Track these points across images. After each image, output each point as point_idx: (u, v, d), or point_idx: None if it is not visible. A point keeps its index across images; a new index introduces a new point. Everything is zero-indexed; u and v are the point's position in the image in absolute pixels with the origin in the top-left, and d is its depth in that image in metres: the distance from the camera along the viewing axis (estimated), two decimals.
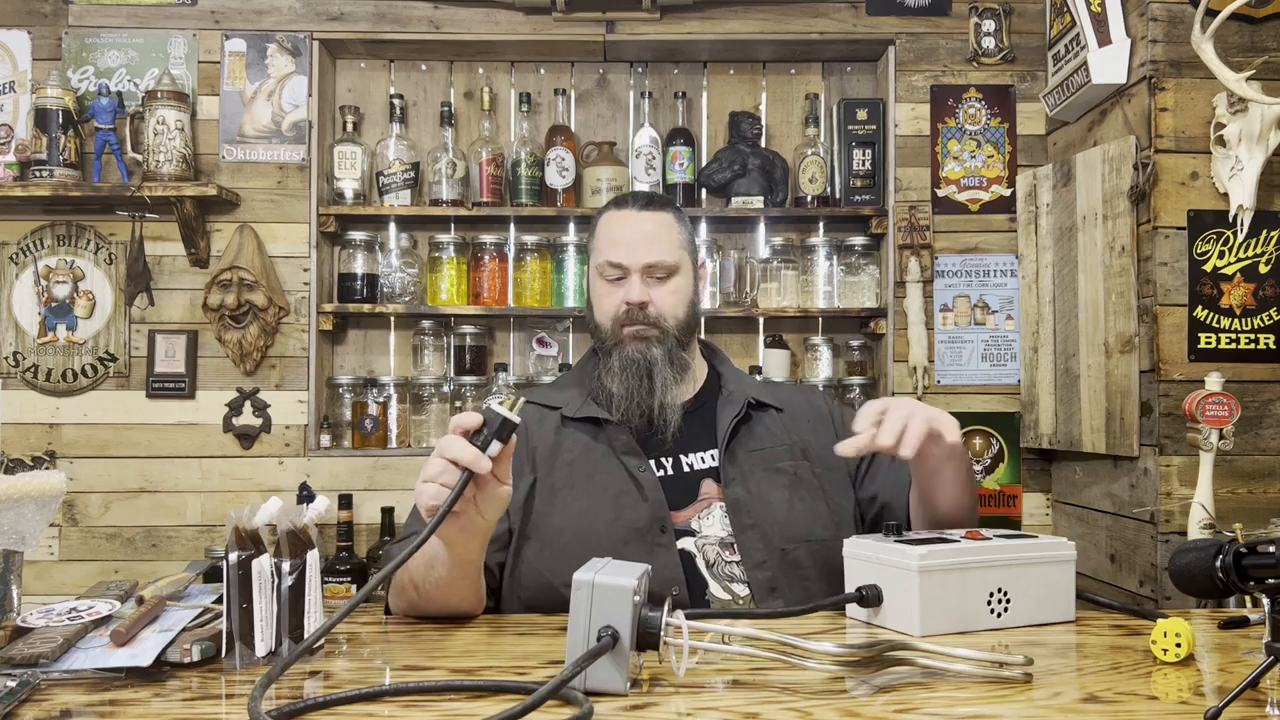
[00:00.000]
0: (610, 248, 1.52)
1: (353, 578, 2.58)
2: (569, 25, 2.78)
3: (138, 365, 2.74)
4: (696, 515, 1.46)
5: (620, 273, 1.51)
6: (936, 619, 1.14)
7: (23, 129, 2.70)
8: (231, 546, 1.04)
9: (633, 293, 1.49)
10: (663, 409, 1.49)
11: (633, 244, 1.51)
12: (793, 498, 1.47)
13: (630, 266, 1.50)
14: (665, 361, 1.50)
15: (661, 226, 1.54)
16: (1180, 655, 1.01)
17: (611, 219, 1.56)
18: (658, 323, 1.50)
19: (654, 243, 1.52)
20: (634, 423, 1.50)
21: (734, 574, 1.42)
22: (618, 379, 1.51)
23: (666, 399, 1.49)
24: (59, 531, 2.69)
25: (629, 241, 1.51)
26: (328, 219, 2.77)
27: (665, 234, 1.53)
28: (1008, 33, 2.78)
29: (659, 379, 1.49)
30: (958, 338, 2.76)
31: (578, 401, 1.54)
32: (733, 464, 1.49)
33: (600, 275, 1.54)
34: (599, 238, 1.56)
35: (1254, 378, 2.21)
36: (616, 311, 1.51)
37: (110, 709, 0.90)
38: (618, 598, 0.93)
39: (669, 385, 1.49)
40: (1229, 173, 2.16)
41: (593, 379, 1.57)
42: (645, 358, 1.49)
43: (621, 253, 1.51)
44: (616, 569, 0.96)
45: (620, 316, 1.51)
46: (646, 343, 1.50)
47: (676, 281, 1.53)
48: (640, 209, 1.56)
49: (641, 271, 1.50)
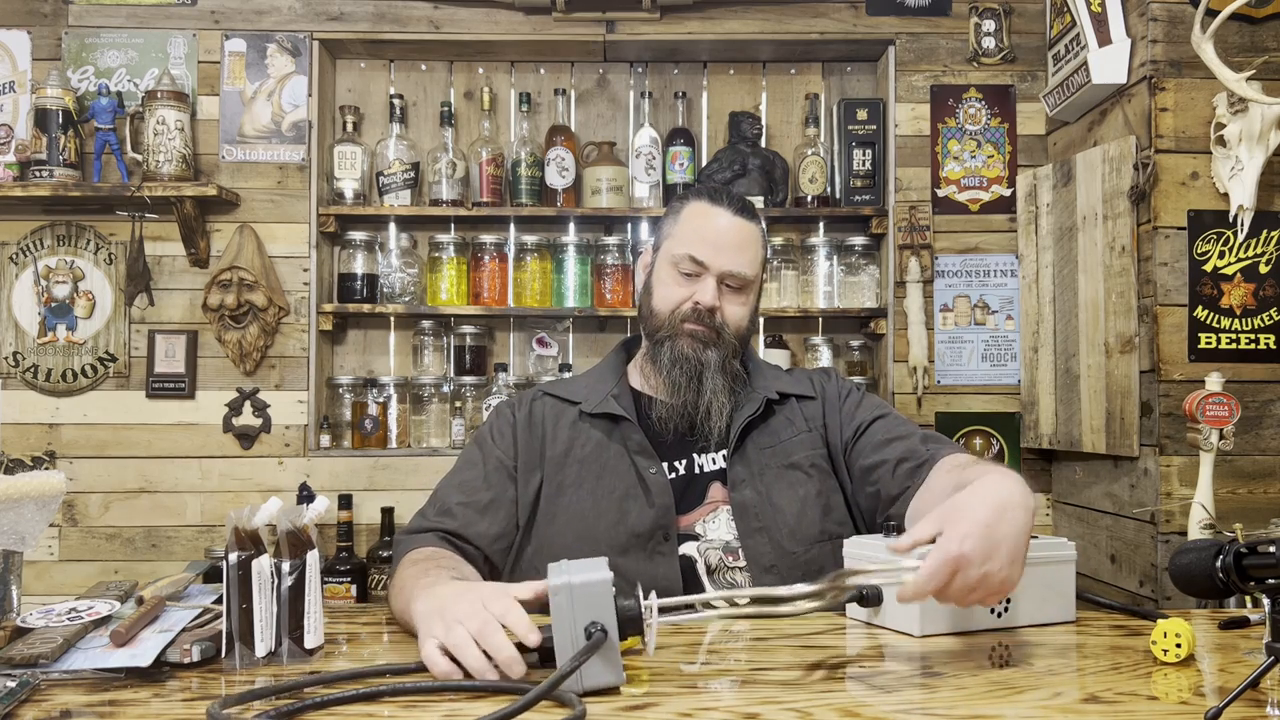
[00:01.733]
0: (696, 243, 1.47)
1: (352, 578, 2.58)
2: (569, 25, 2.78)
3: (138, 365, 2.74)
4: (702, 519, 1.44)
5: (698, 270, 1.47)
6: (936, 618, 1.14)
7: (23, 129, 2.69)
8: (231, 547, 1.04)
9: (706, 295, 1.45)
10: (707, 415, 1.45)
11: (721, 248, 1.47)
12: (806, 496, 1.44)
13: (712, 269, 1.46)
14: (718, 369, 1.46)
15: (750, 238, 1.50)
16: (1180, 656, 1.01)
17: (704, 213, 1.51)
18: (720, 330, 1.47)
19: (740, 252, 1.47)
20: (674, 423, 1.47)
21: (735, 580, 1.40)
22: (666, 373, 1.46)
23: (713, 406, 1.45)
24: (59, 532, 2.69)
25: (717, 244, 1.47)
26: (328, 219, 2.77)
27: (752, 246, 1.50)
28: (1008, 33, 2.78)
29: (708, 384, 1.45)
30: (958, 338, 2.76)
31: (598, 397, 1.51)
32: (743, 464, 1.46)
33: (674, 265, 1.48)
34: (683, 226, 1.51)
35: (1254, 378, 2.21)
36: (682, 307, 1.47)
37: (110, 709, 0.90)
38: (599, 593, 0.94)
39: (717, 392, 1.45)
40: (1229, 173, 2.16)
41: (619, 376, 1.55)
42: (699, 358, 1.45)
43: (707, 253, 1.46)
44: (583, 566, 0.97)
45: (685, 313, 1.47)
46: (704, 345, 1.46)
47: (747, 295, 1.50)
48: (735, 213, 1.50)
49: (719, 277, 1.46)
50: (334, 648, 1.12)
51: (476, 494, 1.45)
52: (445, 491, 1.48)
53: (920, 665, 1.03)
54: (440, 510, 1.44)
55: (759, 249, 1.52)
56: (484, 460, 1.50)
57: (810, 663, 1.04)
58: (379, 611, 1.34)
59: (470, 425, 2.79)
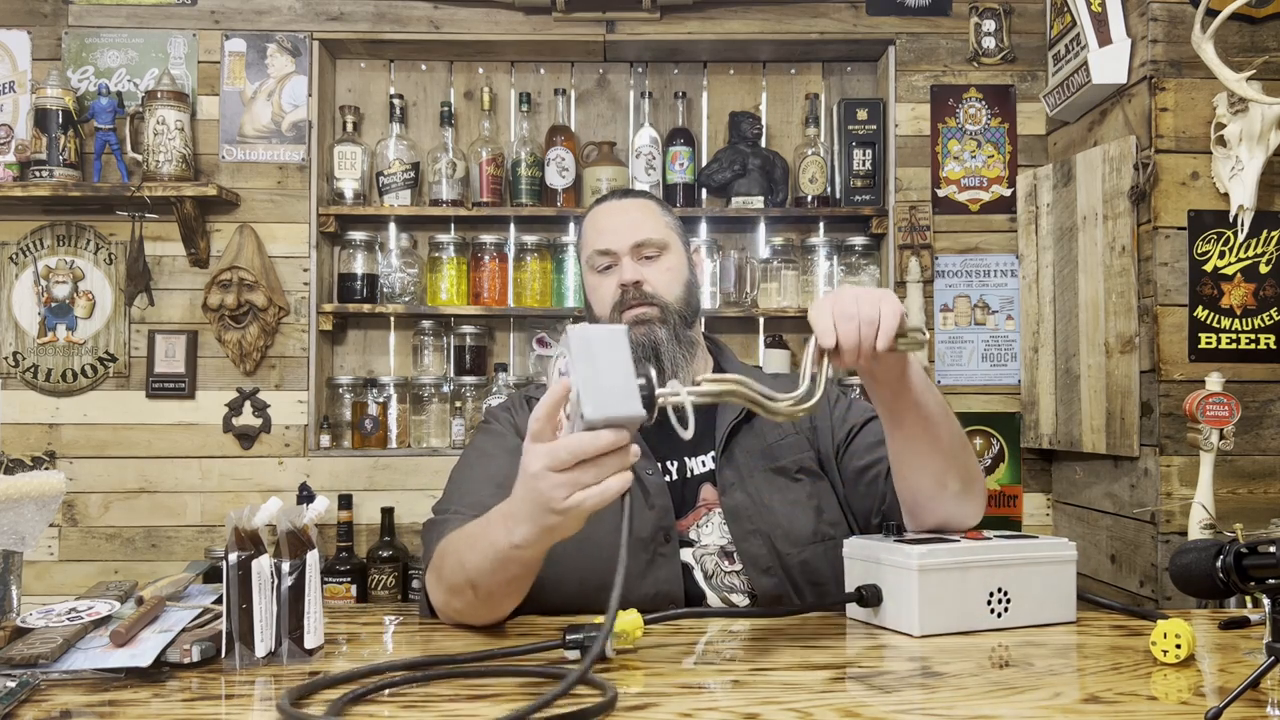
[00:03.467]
0: (596, 237, 1.51)
1: (352, 578, 2.58)
2: (569, 25, 2.78)
3: (137, 365, 2.74)
4: (695, 524, 1.42)
5: (610, 259, 1.49)
6: (935, 618, 1.14)
7: (23, 129, 2.70)
8: (231, 547, 1.04)
9: (625, 273, 1.47)
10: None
11: (618, 229, 1.50)
12: (796, 499, 1.43)
13: (619, 250, 1.48)
14: (671, 340, 1.45)
15: (644, 210, 1.53)
16: (1180, 656, 1.01)
17: (595, 214, 1.56)
18: (655, 300, 1.46)
19: (639, 224, 1.50)
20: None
21: (733, 584, 1.39)
22: None
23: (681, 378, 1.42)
24: (59, 532, 2.69)
25: (614, 228, 1.50)
26: (328, 219, 2.77)
27: (648, 216, 1.52)
28: (1008, 33, 2.78)
29: (667, 359, 1.43)
30: (958, 338, 2.76)
31: None
32: (731, 467, 1.44)
33: (592, 268, 1.52)
34: (586, 235, 1.55)
35: (1254, 378, 2.21)
36: (613, 298, 1.47)
37: (110, 709, 0.90)
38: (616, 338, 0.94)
39: (680, 365, 1.44)
40: (1229, 173, 2.16)
41: None
42: (650, 339, 1.44)
43: (608, 239, 1.49)
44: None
45: (618, 301, 1.47)
46: (649, 325, 1.45)
47: (668, 260, 1.50)
48: (620, 198, 1.57)
49: (631, 253, 1.48)
50: (334, 648, 1.12)
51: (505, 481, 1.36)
52: (471, 486, 1.40)
53: (920, 665, 1.03)
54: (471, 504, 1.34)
55: (658, 215, 1.54)
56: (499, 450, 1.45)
57: (810, 663, 1.04)
58: (379, 611, 1.34)
59: (470, 425, 2.79)
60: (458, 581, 1.18)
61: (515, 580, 1.14)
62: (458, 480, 1.44)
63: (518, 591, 1.17)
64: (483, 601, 1.17)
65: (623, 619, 1.07)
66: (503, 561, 1.10)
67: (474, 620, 1.22)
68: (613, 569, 0.94)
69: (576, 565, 1.31)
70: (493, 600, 1.17)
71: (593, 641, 0.94)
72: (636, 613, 1.10)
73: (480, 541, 1.13)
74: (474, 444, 1.51)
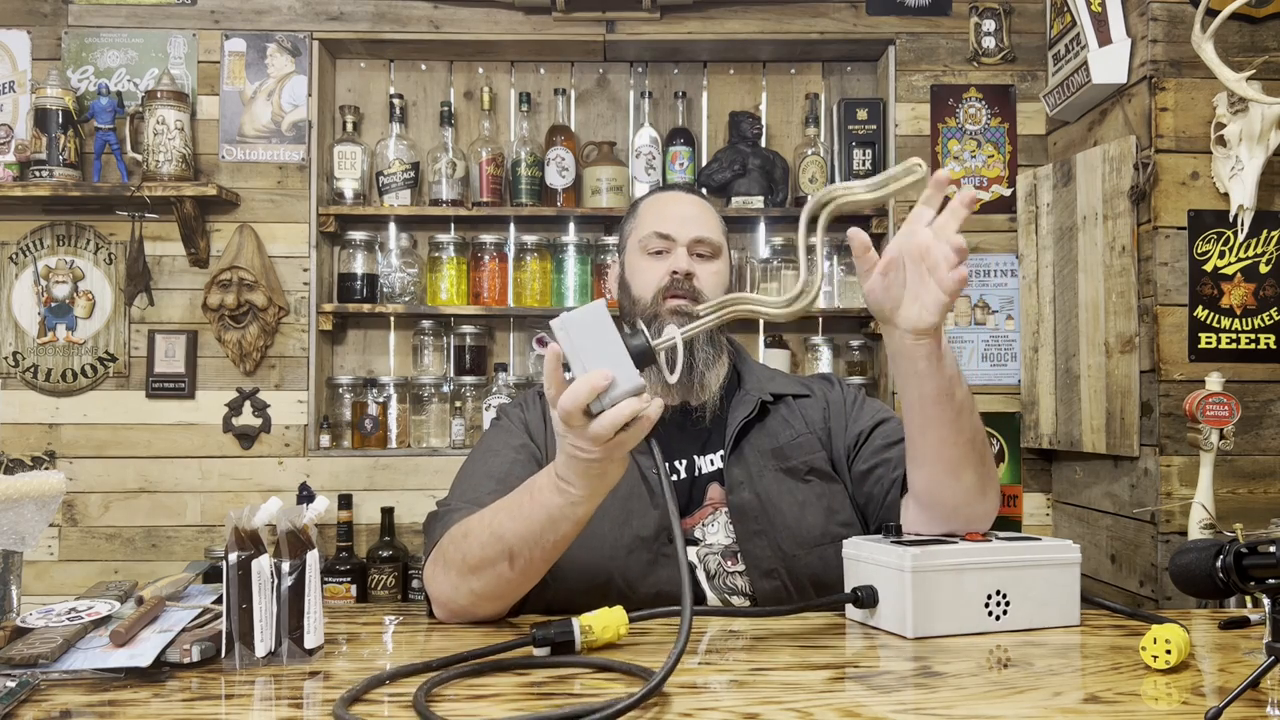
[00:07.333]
0: (658, 221, 1.51)
1: (352, 578, 2.58)
2: (569, 25, 2.78)
3: (137, 365, 2.74)
4: (700, 523, 1.42)
5: (667, 244, 1.49)
6: (930, 620, 1.14)
7: (22, 129, 2.70)
8: (231, 547, 1.04)
9: (680, 262, 1.47)
10: (703, 387, 1.45)
11: (683, 219, 1.50)
12: (806, 499, 1.42)
13: (679, 239, 1.48)
14: (706, 340, 1.46)
15: (706, 210, 1.55)
16: (1170, 663, 0.99)
17: (658, 198, 1.57)
18: (700, 298, 1.46)
19: (702, 220, 1.51)
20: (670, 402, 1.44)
21: (735, 585, 1.38)
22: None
23: (708, 377, 1.45)
24: (59, 532, 2.69)
25: (679, 216, 1.51)
26: (327, 219, 2.77)
27: (710, 217, 1.54)
28: (1008, 32, 2.78)
29: (700, 354, 1.44)
30: (958, 338, 2.76)
31: None
32: (740, 466, 1.44)
33: (644, 249, 1.50)
34: (643, 215, 1.54)
35: (1254, 378, 2.21)
36: (660, 282, 1.47)
37: (110, 709, 0.90)
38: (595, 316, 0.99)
39: (710, 362, 1.46)
40: (1229, 173, 2.16)
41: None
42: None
43: (671, 225, 1.49)
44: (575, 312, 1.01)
45: (664, 287, 1.46)
46: (688, 317, 1.41)
47: (718, 264, 1.51)
48: (687, 192, 1.59)
49: (689, 245, 1.49)
50: (334, 648, 1.12)
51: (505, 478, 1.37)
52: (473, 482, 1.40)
53: (920, 665, 1.03)
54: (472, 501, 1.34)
55: (717, 221, 1.55)
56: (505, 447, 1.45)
57: (810, 663, 1.04)
58: (379, 611, 1.34)
59: (470, 425, 2.79)
60: (489, 555, 1.18)
61: (562, 542, 1.17)
62: (463, 476, 1.45)
63: (555, 557, 1.19)
64: (519, 573, 1.18)
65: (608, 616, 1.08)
66: (554, 521, 1.13)
67: (483, 607, 1.23)
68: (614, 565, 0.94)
69: (577, 568, 1.32)
70: (530, 569, 1.19)
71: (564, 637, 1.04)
72: (622, 610, 1.10)
73: (523, 509, 1.16)
74: (482, 440, 1.51)
